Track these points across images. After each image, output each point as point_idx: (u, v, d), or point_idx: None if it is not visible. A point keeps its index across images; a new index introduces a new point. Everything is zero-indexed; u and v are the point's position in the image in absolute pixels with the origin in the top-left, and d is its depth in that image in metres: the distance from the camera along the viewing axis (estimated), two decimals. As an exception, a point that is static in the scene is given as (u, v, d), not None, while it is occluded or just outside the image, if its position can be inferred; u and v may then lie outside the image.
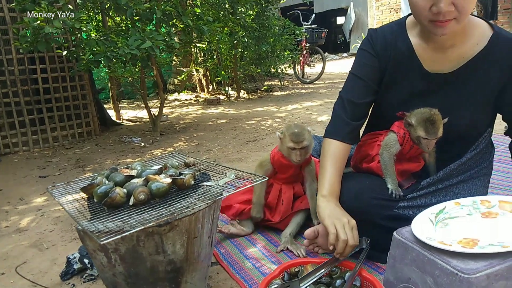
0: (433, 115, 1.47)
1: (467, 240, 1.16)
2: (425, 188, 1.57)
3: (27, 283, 1.67)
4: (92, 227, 1.14)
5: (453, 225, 1.26)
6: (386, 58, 1.58)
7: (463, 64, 1.48)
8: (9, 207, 2.70)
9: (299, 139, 1.69)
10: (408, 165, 1.61)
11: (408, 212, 1.52)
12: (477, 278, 1.04)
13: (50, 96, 4.56)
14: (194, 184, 1.40)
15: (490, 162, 1.67)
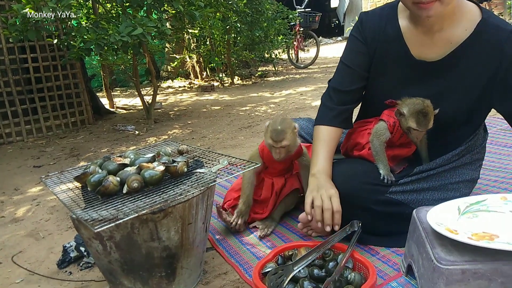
0: (426, 107, 1.47)
1: (486, 234, 1.12)
2: (417, 174, 1.59)
3: (24, 272, 1.68)
4: (86, 215, 1.15)
5: (483, 218, 1.22)
6: (374, 43, 1.58)
7: (450, 51, 1.47)
8: (4, 197, 2.71)
9: (278, 138, 1.60)
10: (399, 151, 1.62)
11: (399, 197, 1.53)
12: (449, 270, 1.04)
13: (42, 85, 4.52)
14: (187, 172, 1.41)
15: (483, 147, 1.69)
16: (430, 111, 1.47)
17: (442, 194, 1.58)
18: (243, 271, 1.50)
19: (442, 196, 1.57)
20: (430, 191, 1.58)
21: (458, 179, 1.61)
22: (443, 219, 1.22)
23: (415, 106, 1.47)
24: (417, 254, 1.23)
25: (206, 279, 1.50)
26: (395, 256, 1.49)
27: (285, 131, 1.61)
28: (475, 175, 1.66)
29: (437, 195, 1.58)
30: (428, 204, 1.53)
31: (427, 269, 1.13)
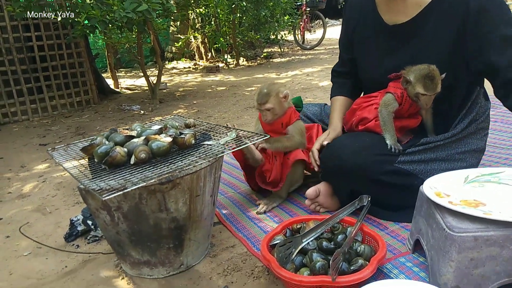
0: (432, 71, 1.46)
1: (474, 202, 1.15)
2: (425, 144, 1.57)
3: (32, 245, 1.69)
4: (94, 185, 1.14)
5: (489, 188, 1.23)
6: (356, 19, 1.72)
7: (418, 12, 1.52)
8: (11, 174, 2.71)
9: (261, 101, 1.65)
10: (407, 122, 1.60)
11: (408, 167, 1.52)
12: (462, 238, 1.04)
13: (47, 64, 4.49)
14: (195, 144, 1.39)
15: (487, 116, 1.67)
16: (437, 75, 1.46)
17: (449, 165, 1.57)
18: (250, 245, 1.50)
19: (449, 166, 1.56)
20: (437, 161, 1.57)
21: (464, 148, 1.60)
22: (440, 185, 1.24)
23: (420, 72, 1.47)
24: (426, 227, 1.22)
25: (214, 252, 1.49)
26: (404, 232, 1.48)
27: (269, 94, 1.65)
28: (480, 144, 1.65)
29: (445, 165, 1.57)
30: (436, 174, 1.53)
31: (438, 239, 1.11)
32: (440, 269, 1.10)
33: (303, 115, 2.06)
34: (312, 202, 1.67)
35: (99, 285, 1.39)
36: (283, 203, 1.79)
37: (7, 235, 1.81)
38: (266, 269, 1.36)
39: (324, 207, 1.67)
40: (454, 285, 1.07)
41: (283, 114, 1.72)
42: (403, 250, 1.38)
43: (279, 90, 1.68)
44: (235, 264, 1.41)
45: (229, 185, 2.06)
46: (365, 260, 1.19)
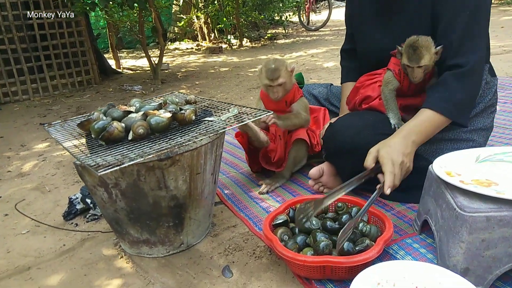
0: (416, 41, 1.39)
1: (487, 181, 1.11)
2: None
3: (30, 223, 1.66)
4: (90, 161, 1.09)
5: (501, 167, 1.19)
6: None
7: None
8: (11, 153, 2.68)
9: (274, 76, 1.60)
10: (412, 100, 1.54)
11: None
12: (473, 218, 0.99)
13: (47, 43, 4.42)
14: (196, 120, 1.34)
15: (494, 92, 1.60)
16: (422, 45, 1.38)
17: (456, 144, 1.52)
18: (252, 224, 1.46)
19: (456, 146, 1.51)
20: (444, 141, 1.52)
21: (470, 127, 1.54)
22: (451, 164, 1.20)
23: (407, 42, 1.41)
24: (435, 207, 1.18)
25: (215, 232, 1.46)
26: (411, 213, 1.44)
27: (280, 69, 1.61)
28: (487, 122, 1.59)
29: (451, 145, 1.52)
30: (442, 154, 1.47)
31: (447, 220, 1.07)
32: (450, 250, 1.05)
33: (308, 94, 2.00)
34: (315, 182, 1.63)
35: (98, 263, 1.36)
36: (286, 183, 1.75)
37: (5, 213, 1.78)
38: (268, 249, 1.32)
39: (328, 187, 1.62)
40: (463, 267, 1.03)
41: (291, 91, 1.68)
42: (409, 231, 1.34)
43: (285, 64, 1.64)
44: (236, 243, 1.38)
45: (231, 165, 2.02)
46: (371, 240, 1.15)
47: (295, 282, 1.17)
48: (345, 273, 1.09)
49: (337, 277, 1.12)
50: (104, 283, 1.25)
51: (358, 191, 1.56)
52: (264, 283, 1.18)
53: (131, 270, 1.31)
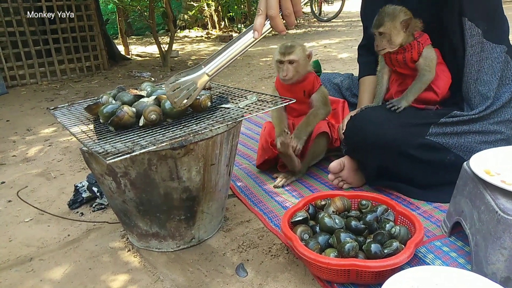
0: (384, 8, 1.40)
1: None
2: (459, 116, 1.41)
3: (33, 211, 1.59)
4: (99, 147, 1.00)
5: None
6: None
7: None
8: (16, 137, 2.61)
9: (286, 51, 1.50)
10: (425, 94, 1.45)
11: (440, 140, 1.37)
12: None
13: (56, 26, 4.34)
14: (212, 107, 1.25)
15: None
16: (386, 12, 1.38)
17: (484, 137, 1.42)
18: (267, 220, 1.37)
19: (484, 139, 1.41)
20: (471, 134, 1.42)
21: (498, 119, 1.44)
22: (489, 162, 1.11)
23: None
24: (470, 209, 1.08)
25: (228, 226, 1.37)
26: (439, 213, 1.34)
27: (295, 46, 1.52)
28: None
29: (479, 138, 1.42)
30: (470, 148, 1.39)
31: (486, 223, 0.97)
32: (488, 257, 0.96)
33: (329, 83, 1.90)
34: (335, 177, 1.53)
35: (103, 256, 1.28)
36: (303, 177, 1.66)
37: (8, 200, 1.71)
38: (285, 247, 1.23)
39: (348, 182, 1.53)
40: (504, 276, 0.93)
41: (304, 78, 1.57)
42: (438, 233, 1.24)
43: (303, 46, 1.55)
44: (250, 240, 1.29)
45: (244, 156, 1.93)
46: (400, 243, 1.05)
47: (315, 284, 1.08)
48: (372, 278, 1.00)
49: (363, 282, 1.03)
50: (110, 278, 1.18)
51: (382, 189, 1.48)
52: (281, 284, 1.09)
53: (139, 265, 1.23)
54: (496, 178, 1.02)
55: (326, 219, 1.15)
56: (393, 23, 1.36)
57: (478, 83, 1.41)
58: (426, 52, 1.40)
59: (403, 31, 1.38)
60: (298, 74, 1.54)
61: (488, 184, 1.01)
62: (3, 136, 2.63)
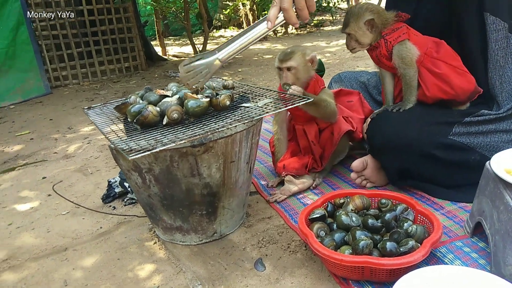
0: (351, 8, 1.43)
1: None
2: (486, 115, 1.37)
3: (71, 204, 1.69)
4: (124, 145, 1.07)
5: None
6: None
7: None
8: (58, 135, 2.77)
9: (284, 58, 1.47)
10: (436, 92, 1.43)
11: (464, 139, 1.35)
12: None
13: (96, 29, 4.54)
14: (232, 106, 1.29)
15: None
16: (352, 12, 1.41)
17: (511, 136, 1.37)
18: (288, 217, 1.40)
19: (511, 137, 1.37)
20: (498, 133, 1.38)
21: None
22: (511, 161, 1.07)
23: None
24: (490, 209, 1.06)
25: (249, 222, 1.41)
26: (463, 213, 1.32)
27: (294, 52, 1.47)
28: None
29: (506, 137, 1.39)
30: (497, 147, 1.36)
31: (505, 223, 0.96)
32: (506, 258, 0.94)
33: (356, 81, 1.88)
34: (358, 176, 1.53)
35: (131, 247, 1.35)
36: (326, 175, 1.66)
37: (48, 194, 1.83)
38: (303, 244, 1.26)
39: (371, 181, 1.53)
40: (522, 278, 0.91)
41: (307, 84, 1.53)
42: (460, 233, 1.22)
43: (305, 51, 1.50)
44: (270, 236, 1.32)
45: (269, 154, 1.95)
46: (417, 242, 1.05)
47: (331, 281, 1.10)
48: (386, 275, 1.01)
49: (377, 279, 1.03)
50: (136, 268, 1.25)
51: (406, 188, 1.46)
52: (297, 279, 1.12)
53: (164, 257, 1.29)
54: (500, 167, 0.99)
55: (343, 216, 1.16)
56: (357, 23, 1.37)
57: (503, 80, 1.37)
58: (396, 49, 1.38)
59: (369, 31, 1.37)
60: (299, 81, 1.49)
61: (508, 184, 0.99)
62: (46, 134, 2.80)
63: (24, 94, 3.91)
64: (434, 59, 1.37)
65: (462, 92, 1.38)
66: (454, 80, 1.36)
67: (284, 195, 1.52)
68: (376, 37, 1.40)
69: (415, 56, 1.37)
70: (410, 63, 1.37)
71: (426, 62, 1.38)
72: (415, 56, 1.36)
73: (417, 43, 1.38)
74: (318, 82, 1.55)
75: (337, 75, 1.97)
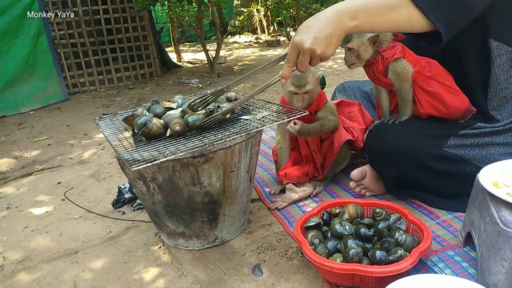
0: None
1: None
2: (482, 128, 1.40)
3: (83, 209, 1.78)
4: (128, 155, 1.15)
5: None
6: None
7: None
8: (74, 141, 2.88)
9: (301, 83, 1.48)
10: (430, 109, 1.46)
11: (459, 152, 1.37)
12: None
13: (113, 37, 4.68)
14: (233, 118, 1.35)
15: None
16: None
17: (508, 148, 1.40)
18: (287, 224, 1.45)
19: (508, 150, 1.40)
20: (494, 145, 1.40)
21: None
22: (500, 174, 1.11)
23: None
24: (479, 220, 1.09)
25: (250, 229, 1.47)
26: (458, 222, 1.35)
27: (307, 75, 1.48)
28: None
29: (503, 149, 1.41)
30: (493, 160, 1.37)
31: (490, 235, 0.99)
32: (490, 268, 0.98)
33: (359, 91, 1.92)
34: (357, 185, 1.58)
35: (137, 251, 1.43)
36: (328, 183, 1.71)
37: (62, 198, 1.93)
38: (300, 251, 1.31)
39: (370, 190, 1.56)
40: (505, 287, 0.95)
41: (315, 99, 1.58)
42: (453, 242, 1.26)
43: (314, 71, 1.54)
44: (269, 242, 1.38)
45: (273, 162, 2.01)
46: (406, 251, 1.09)
47: (324, 287, 1.15)
48: (375, 283, 1.05)
49: (367, 286, 1.08)
50: (141, 271, 1.32)
51: (403, 197, 1.50)
52: (292, 285, 1.17)
53: (167, 261, 1.36)
54: (502, 191, 1.02)
55: (337, 225, 1.21)
56: (361, 39, 1.40)
57: (504, 101, 1.39)
58: (392, 66, 1.43)
59: (371, 47, 1.41)
60: (311, 99, 1.56)
61: (494, 196, 1.02)
62: (63, 140, 2.92)
63: (43, 101, 4.06)
64: (427, 78, 1.41)
65: (455, 111, 1.41)
66: (447, 99, 1.39)
67: (285, 202, 1.57)
68: (374, 54, 1.44)
69: (410, 73, 1.41)
70: (405, 78, 1.41)
71: (419, 80, 1.42)
72: (410, 73, 1.41)
73: (411, 61, 1.42)
74: (321, 97, 1.61)
75: (341, 84, 2.01)
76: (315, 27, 1.05)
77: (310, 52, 1.04)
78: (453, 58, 1.45)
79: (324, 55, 1.06)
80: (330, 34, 1.04)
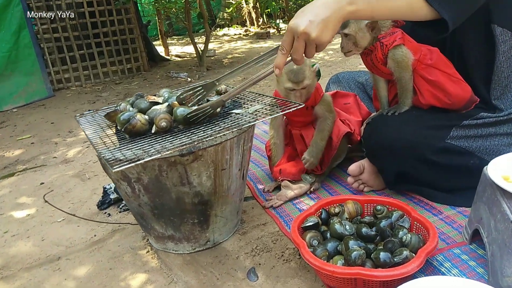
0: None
1: None
2: (485, 118, 1.33)
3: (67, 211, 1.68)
4: (109, 155, 1.05)
5: None
6: None
7: None
8: (58, 139, 2.77)
9: (298, 78, 1.40)
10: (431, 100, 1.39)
11: (462, 143, 1.31)
12: None
13: (98, 30, 4.54)
14: (224, 112, 1.27)
15: None
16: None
17: None
18: (283, 223, 1.37)
19: None
20: (497, 136, 1.34)
21: None
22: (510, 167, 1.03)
23: None
24: (488, 216, 1.02)
25: (243, 229, 1.39)
26: (462, 218, 1.28)
27: (304, 70, 1.40)
28: None
29: (506, 140, 1.34)
30: (497, 151, 1.31)
31: (502, 233, 0.92)
32: (503, 269, 0.91)
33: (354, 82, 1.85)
34: (355, 180, 1.50)
35: (124, 256, 1.34)
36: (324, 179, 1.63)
37: (45, 200, 1.82)
38: (297, 252, 1.23)
39: (369, 185, 1.49)
40: (520, 290, 0.88)
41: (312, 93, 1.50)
42: (458, 239, 1.19)
43: (311, 65, 1.46)
44: (264, 244, 1.30)
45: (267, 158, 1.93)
46: (411, 251, 1.02)
47: (324, 291, 1.07)
48: (379, 287, 0.98)
49: (370, 291, 1.00)
50: (128, 278, 1.23)
51: (404, 192, 1.43)
52: (290, 290, 1.09)
53: (156, 266, 1.27)
54: (496, 174, 0.96)
55: (336, 225, 1.13)
56: (359, 24, 1.31)
57: (506, 90, 1.33)
58: (391, 53, 1.34)
59: (369, 33, 1.33)
60: (309, 94, 1.48)
61: (505, 191, 0.95)
62: (47, 138, 2.80)
63: (27, 98, 3.92)
64: (428, 66, 1.33)
65: (457, 101, 1.33)
66: (449, 88, 1.32)
67: (280, 200, 1.49)
68: (372, 41, 1.36)
69: (410, 61, 1.33)
70: (406, 66, 1.33)
71: (419, 69, 1.34)
72: (410, 60, 1.33)
73: (412, 48, 1.34)
74: (318, 91, 1.53)
75: (335, 75, 1.93)
76: (311, 11, 0.97)
77: (304, 36, 0.97)
78: (454, 46, 1.38)
79: (319, 41, 0.98)
80: (326, 17, 0.97)
